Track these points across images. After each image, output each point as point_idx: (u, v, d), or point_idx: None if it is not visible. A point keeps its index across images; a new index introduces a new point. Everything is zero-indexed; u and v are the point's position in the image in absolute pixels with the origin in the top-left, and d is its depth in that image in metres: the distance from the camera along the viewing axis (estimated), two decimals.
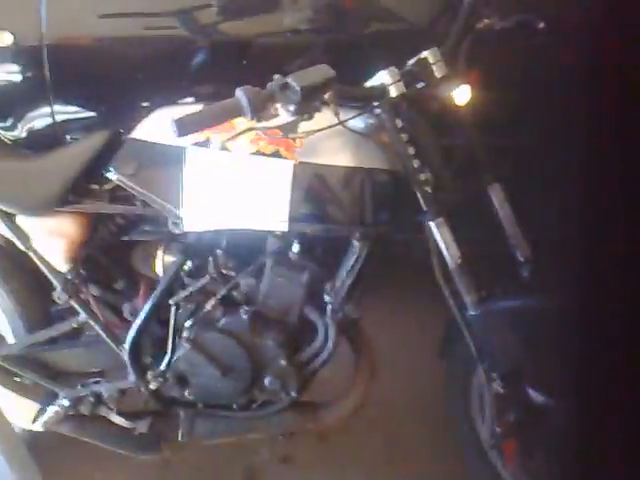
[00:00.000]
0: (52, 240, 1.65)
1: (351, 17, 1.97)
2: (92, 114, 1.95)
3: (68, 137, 1.96)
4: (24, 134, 1.96)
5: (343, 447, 2.11)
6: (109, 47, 1.84)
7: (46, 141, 1.91)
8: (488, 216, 1.57)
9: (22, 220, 1.64)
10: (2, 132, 1.97)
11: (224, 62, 1.89)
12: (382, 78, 1.41)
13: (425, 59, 1.46)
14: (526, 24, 1.52)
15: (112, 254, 1.77)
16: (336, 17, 1.94)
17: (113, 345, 1.68)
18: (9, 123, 1.96)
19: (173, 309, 1.65)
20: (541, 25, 1.51)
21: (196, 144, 1.47)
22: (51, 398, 1.77)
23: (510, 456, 1.57)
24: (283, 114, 1.25)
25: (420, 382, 2.02)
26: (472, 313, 1.51)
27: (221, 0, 1.87)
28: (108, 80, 1.69)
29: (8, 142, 1.97)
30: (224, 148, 1.45)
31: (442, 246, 1.48)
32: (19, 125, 1.96)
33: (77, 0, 1.86)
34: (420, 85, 1.45)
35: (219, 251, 1.64)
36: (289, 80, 1.21)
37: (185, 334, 1.63)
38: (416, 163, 1.44)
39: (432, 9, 1.88)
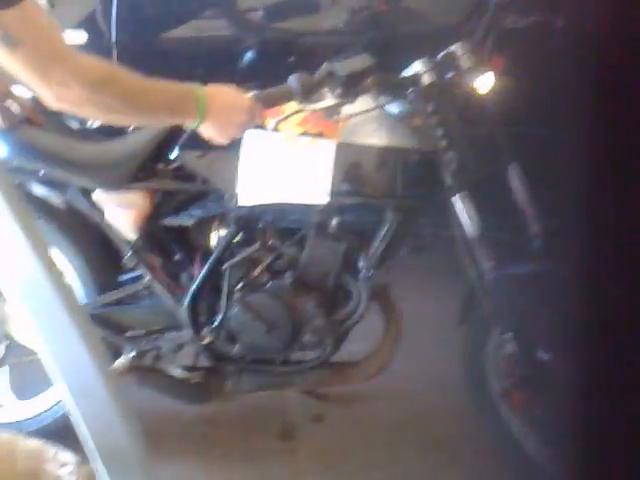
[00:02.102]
0: (123, 212, 1.89)
1: (387, 18, 2.21)
2: None
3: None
4: (95, 125, 2.21)
5: (369, 411, 2.29)
6: (172, 46, 2.08)
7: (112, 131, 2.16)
8: (506, 193, 1.76)
9: (98, 195, 1.90)
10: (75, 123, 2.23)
11: (274, 59, 2.12)
12: (416, 68, 1.63)
13: (454, 52, 1.66)
14: (546, 22, 1.72)
15: (172, 228, 2.03)
16: (374, 18, 2.18)
17: (173, 305, 1.93)
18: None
19: (226, 274, 1.88)
20: (559, 24, 1.71)
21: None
22: (117, 353, 2.02)
23: (519, 408, 1.76)
24: (328, 98, 1.48)
25: (441, 347, 2.20)
26: (489, 278, 1.68)
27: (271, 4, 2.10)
28: (171, 76, 1.94)
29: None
30: (276, 129, 1.68)
31: (464, 218, 1.67)
32: None
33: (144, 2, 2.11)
34: (449, 75, 1.66)
35: (267, 224, 1.87)
36: (335, 68, 1.43)
37: (236, 296, 1.87)
38: (444, 143, 1.64)
39: (460, 10, 2.08)
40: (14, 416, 2.16)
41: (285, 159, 1.71)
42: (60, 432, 1.79)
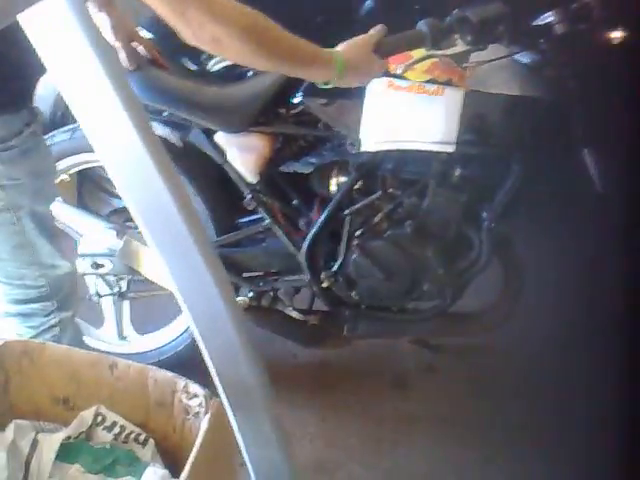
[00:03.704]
0: (244, 155, 1.92)
1: None
2: None
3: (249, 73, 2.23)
4: (216, 67, 2.24)
5: (481, 365, 2.28)
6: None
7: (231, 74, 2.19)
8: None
9: (219, 137, 1.93)
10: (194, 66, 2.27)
11: (396, 7, 2.07)
12: (549, 18, 1.56)
13: (588, 2, 1.58)
14: None
15: (292, 174, 2.04)
16: None
17: (292, 249, 1.96)
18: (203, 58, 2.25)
19: (346, 220, 1.88)
20: None
21: None
22: (236, 292, 2.08)
23: None
24: (460, 45, 1.43)
25: (561, 306, 2.14)
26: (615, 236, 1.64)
27: None
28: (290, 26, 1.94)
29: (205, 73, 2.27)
30: (403, 75, 1.65)
31: (593, 172, 1.61)
32: (211, 61, 2.24)
33: None
34: (582, 26, 1.58)
35: (388, 172, 1.85)
36: (468, 13, 1.39)
37: (355, 242, 1.87)
38: (576, 95, 1.58)
39: None
40: (135, 348, 2.27)
41: (411, 106, 1.67)
42: (181, 365, 1.88)
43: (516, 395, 2.15)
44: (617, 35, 1.60)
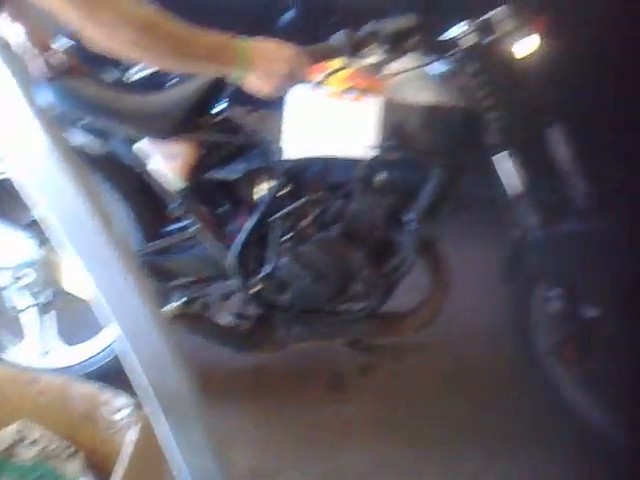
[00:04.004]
0: (169, 162, 1.91)
1: None
2: None
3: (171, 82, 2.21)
4: (137, 76, 2.22)
5: (416, 363, 2.31)
6: (210, 4, 2.06)
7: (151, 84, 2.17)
8: (550, 153, 1.73)
9: (143, 144, 1.91)
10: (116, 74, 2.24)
11: (314, 20, 2.11)
12: (459, 30, 1.63)
13: (496, 15, 1.65)
14: None
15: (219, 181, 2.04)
16: None
17: (221, 254, 1.95)
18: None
19: (274, 225, 1.89)
20: None
21: None
22: (165, 300, 2.06)
23: (569, 361, 1.77)
24: (376, 55, 1.48)
25: (488, 301, 2.20)
26: (535, 235, 1.69)
27: None
28: None
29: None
30: (322, 84, 1.67)
31: (506, 176, 1.67)
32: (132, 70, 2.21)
33: None
34: (492, 37, 1.65)
35: (314, 177, 1.87)
36: (381, 25, 1.44)
37: (284, 246, 1.89)
38: (488, 103, 1.64)
39: None
40: (62, 362, 2.22)
41: (331, 114, 1.71)
42: (107, 377, 1.85)
43: (451, 392, 2.21)
44: (524, 45, 1.67)
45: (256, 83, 1.38)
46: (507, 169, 1.67)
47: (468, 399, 2.17)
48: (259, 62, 1.35)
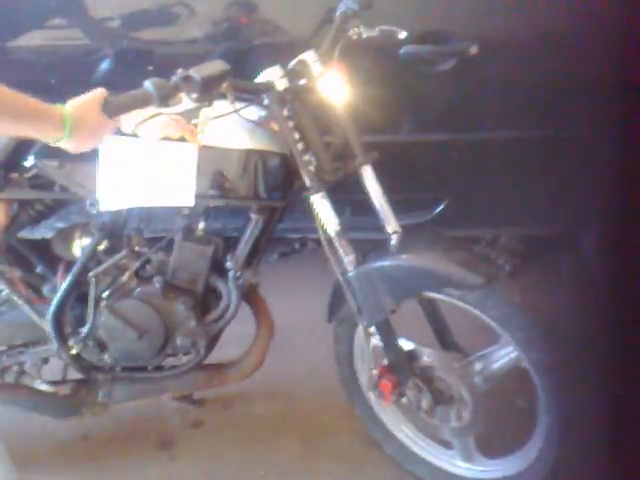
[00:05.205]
0: None
1: (244, 29, 2.27)
2: None
3: None
4: None
5: (247, 411, 2.34)
6: (22, 55, 2.03)
7: None
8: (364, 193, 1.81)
9: None
10: None
11: (131, 69, 2.12)
12: (270, 74, 1.67)
13: (305, 60, 1.70)
14: (388, 34, 1.81)
15: (32, 240, 1.97)
16: (231, 30, 2.24)
17: (36, 318, 1.87)
18: None
19: (93, 281, 1.84)
20: (402, 35, 1.81)
21: None
22: None
23: (387, 395, 1.84)
24: (186, 102, 1.50)
25: (317, 344, 2.27)
26: (350, 274, 1.74)
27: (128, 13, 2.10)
28: (22, 87, 1.91)
29: None
30: (134, 133, 1.68)
31: (323, 216, 1.71)
32: None
33: None
34: (301, 81, 1.70)
35: (132, 230, 1.86)
36: (190, 72, 1.45)
37: (103, 303, 1.84)
38: (300, 146, 1.68)
39: (310, 22, 2.17)
40: None
41: (147, 163, 1.70)
42: None
43: (281, 436, 2.23)
44: (331, 89, 1.72)
45: (73, 145, 1.46)
46: (323, 210, 1.70)
47: (300, 444, 2.20)
48: (81, 130, 1.43)
